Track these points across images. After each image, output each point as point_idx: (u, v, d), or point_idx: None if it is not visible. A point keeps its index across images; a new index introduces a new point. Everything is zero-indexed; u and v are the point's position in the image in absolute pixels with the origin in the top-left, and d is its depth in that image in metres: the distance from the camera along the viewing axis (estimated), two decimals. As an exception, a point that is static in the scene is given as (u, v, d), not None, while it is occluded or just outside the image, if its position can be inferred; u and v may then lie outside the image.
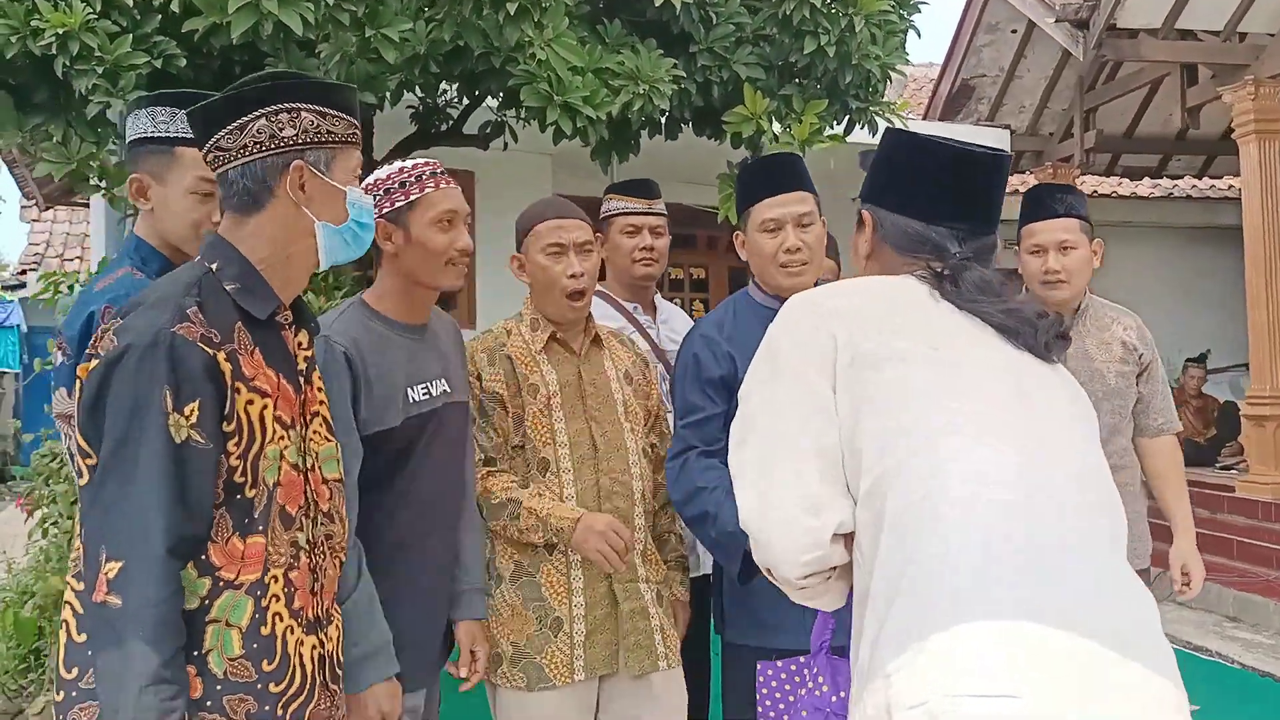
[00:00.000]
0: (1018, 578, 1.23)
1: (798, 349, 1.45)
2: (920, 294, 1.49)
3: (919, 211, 1.55)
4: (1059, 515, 1.30)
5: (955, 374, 1.39)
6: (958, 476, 1.29)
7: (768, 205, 2.36)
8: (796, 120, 3.71)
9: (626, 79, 3.22)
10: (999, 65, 9.38)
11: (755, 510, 1.40)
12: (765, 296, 2.44)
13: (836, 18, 3.55)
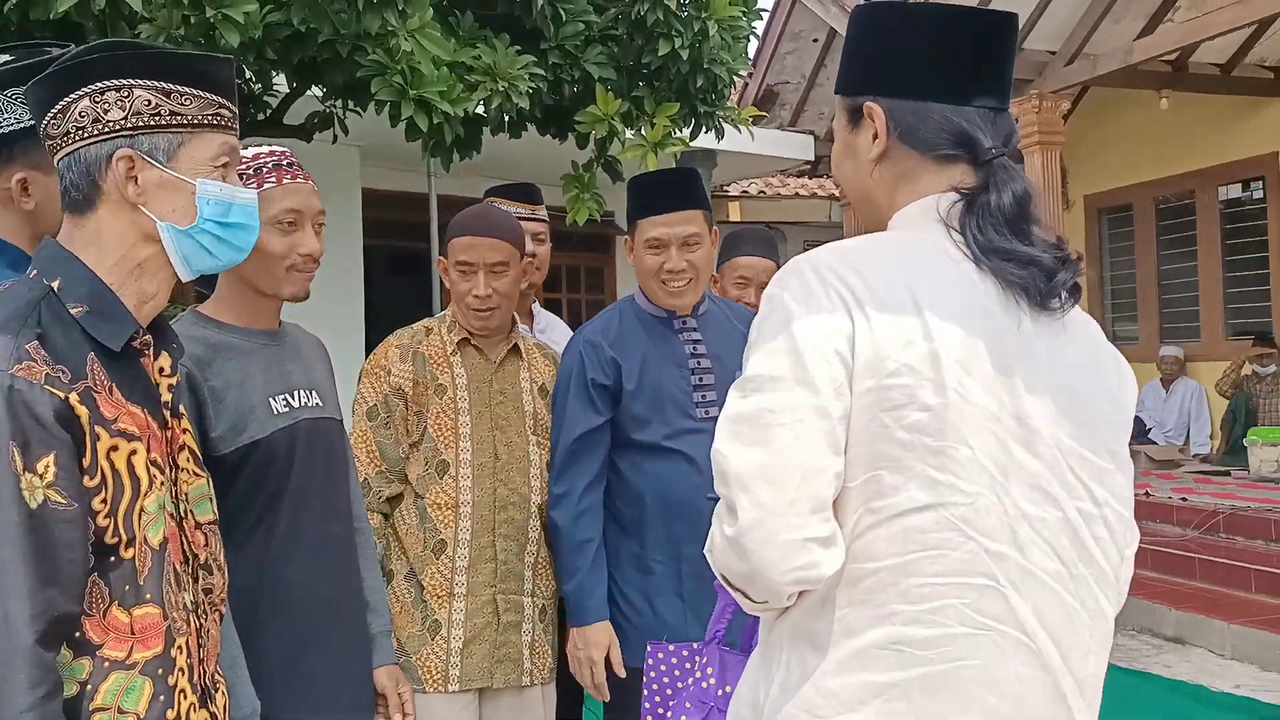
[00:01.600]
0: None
1: (821, 351, 1.17)
2: (939, 258, 1.22)
3: (941, 92, 1.27)
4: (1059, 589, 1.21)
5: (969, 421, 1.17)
6: (961, 558, 1.17)
7: (652, 223, 2.36)
8: (648, 123, 3.66)
9: (483, 75, 3.06)
10: (801, 73, 9.71)
11: (757, 524, 1.17)
12: (650, 305, 2.46)
13: (690, 21, 3.51)
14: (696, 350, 2.41)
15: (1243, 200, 8.92)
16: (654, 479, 2.32)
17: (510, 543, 2.28)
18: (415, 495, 2.28)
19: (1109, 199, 10.10)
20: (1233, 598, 5.55)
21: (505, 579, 2.27)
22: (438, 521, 2.25)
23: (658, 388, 2.34)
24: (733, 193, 11.06)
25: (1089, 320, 1.33)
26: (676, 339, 2.41)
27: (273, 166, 1.87)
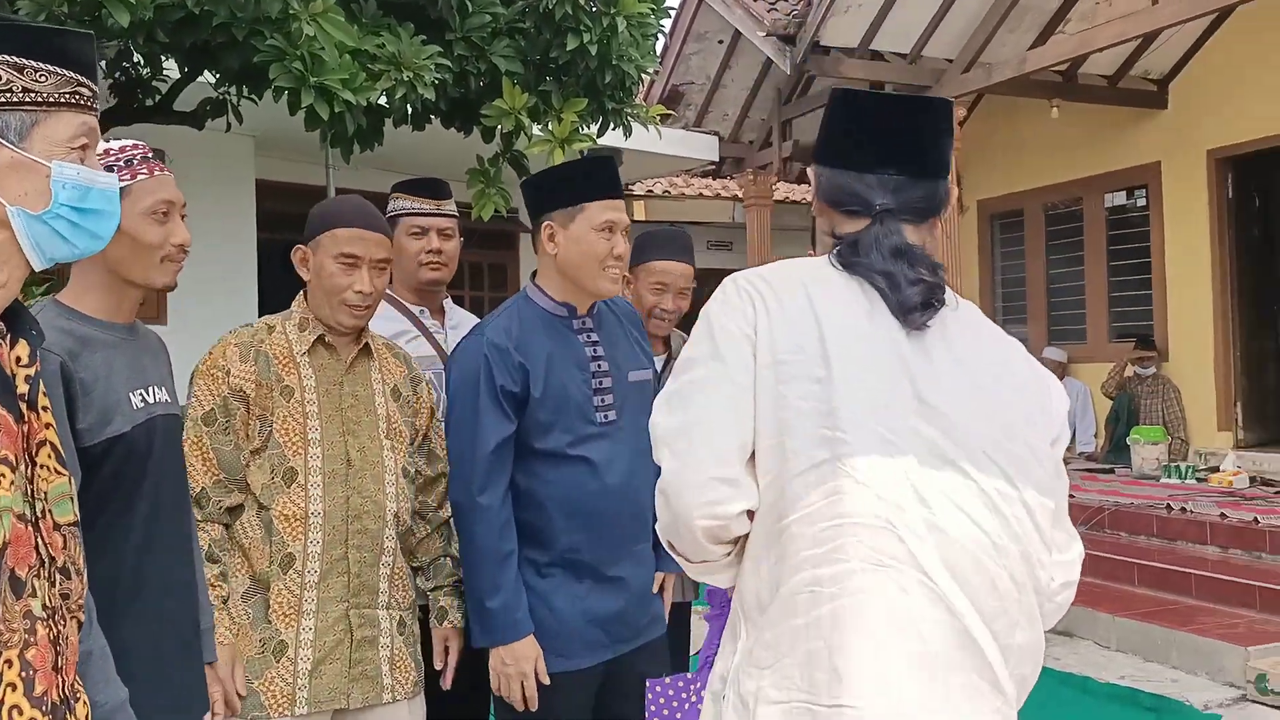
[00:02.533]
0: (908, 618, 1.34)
1: (735, 332, 1.46)
2: (831, 278, 1.51)
3: (851, 162, 1.57)
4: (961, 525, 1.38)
5: (857, 391, 1.41)
6: (856, 501, 1.37)
7: (605, 207, 2.29)
8: (555, 118, 3.61)
9: (387, 64, 2.98)
10: (706, 73, 9.75)
11: (676, 475, 1.44)
12: (550, 302, 2.37)
13: (599, 17, 3.48)
14: (596, 352, 2.37)
15: (1127, 208, 9.28)
16: (556, 486, 2.27)
17: (365, 554, 2.15)
18: (259, 506, 2.11)
19: (1001, 204, 10.39)
20: (1117, 591, 5.76)
21: (359, 593, 2.14)
22: (285, 534, 2.10)
23: (562, 393, 2.29)
24: (638, 192, 11.07)
25: (1007, 337, 1.58)
26: (576, 340, 2.37)
27: (142, 159, 1.86)
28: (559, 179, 2.39)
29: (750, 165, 10.17)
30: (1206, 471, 7.55)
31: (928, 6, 7.77)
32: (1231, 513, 6.11)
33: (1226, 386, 8.35)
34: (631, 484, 2.32)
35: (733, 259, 11.67)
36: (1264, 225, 8.64)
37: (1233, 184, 8.37)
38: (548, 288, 2.38)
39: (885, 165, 1.54)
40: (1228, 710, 4.40)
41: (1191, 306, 8.53)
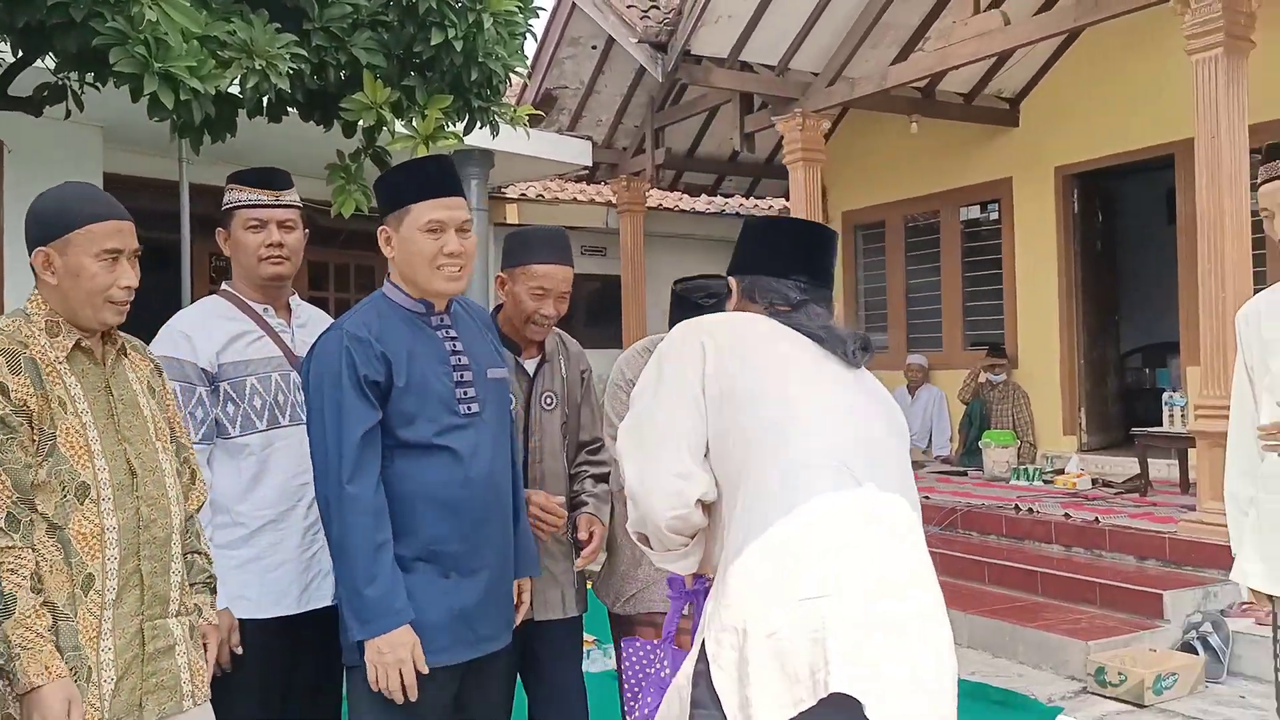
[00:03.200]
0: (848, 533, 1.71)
1: (679, 359, 1.89)
2: (766, 320, 1.98)
3: (773, 270, 2.04)
4: (879, 484, 1.79)
5: (794, 378, 1.85)
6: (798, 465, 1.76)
7: (433, 206, 2.30)
8: (419, 114, 3.53)
9: (239, 51, 2.86)
10: (580, 78, 9.74)
11: (637, 479, 1.86)
12: (408, 299, 2.38)
13: (465, 12, 3.41)
14: (455, 347, 2.38)
15: (981, 221, 9.66)
16: (422, 478, 2.27)
17: (155, 564, 2.05)
18: (53, 526, 1.94)
19: (865, 216, 10.70)
20: (969, 589, 5.98)
21: (151, 605, 2.04)
22: (84, 553, 1.96)
23: (425, 384, 2.29)
24: (510, 194, 10.98)
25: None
26: (435, 335, 2.37)
27: None
28: (389, 183, 2.39)
29: (624, 171, 10.22)
30: (1052, 474, 7.91)
31: (794, 20, 7.93)
32: (1074, 513, 6.42)
33: (1071, 393, 8.77)
34: (494, 478, 2.36)
35: (606, 264, 11.68)
36: (1106, 239, 9.12)
37: (1078, 199, 8.81)
38: (403, 286, 2.40)
39: (799, 274, 2.02)
40: (1069, 702, 4.60)
41: (1039, 316, 8.94)
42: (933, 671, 1.68)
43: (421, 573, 2.27)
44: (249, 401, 2.57)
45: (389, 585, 2.18)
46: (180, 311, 2.79)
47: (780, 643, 1.62)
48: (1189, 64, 5.50)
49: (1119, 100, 8.18)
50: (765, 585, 1.66)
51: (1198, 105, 5.44)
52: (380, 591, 2.17)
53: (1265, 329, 2.84)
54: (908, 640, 1.66)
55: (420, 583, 2.26)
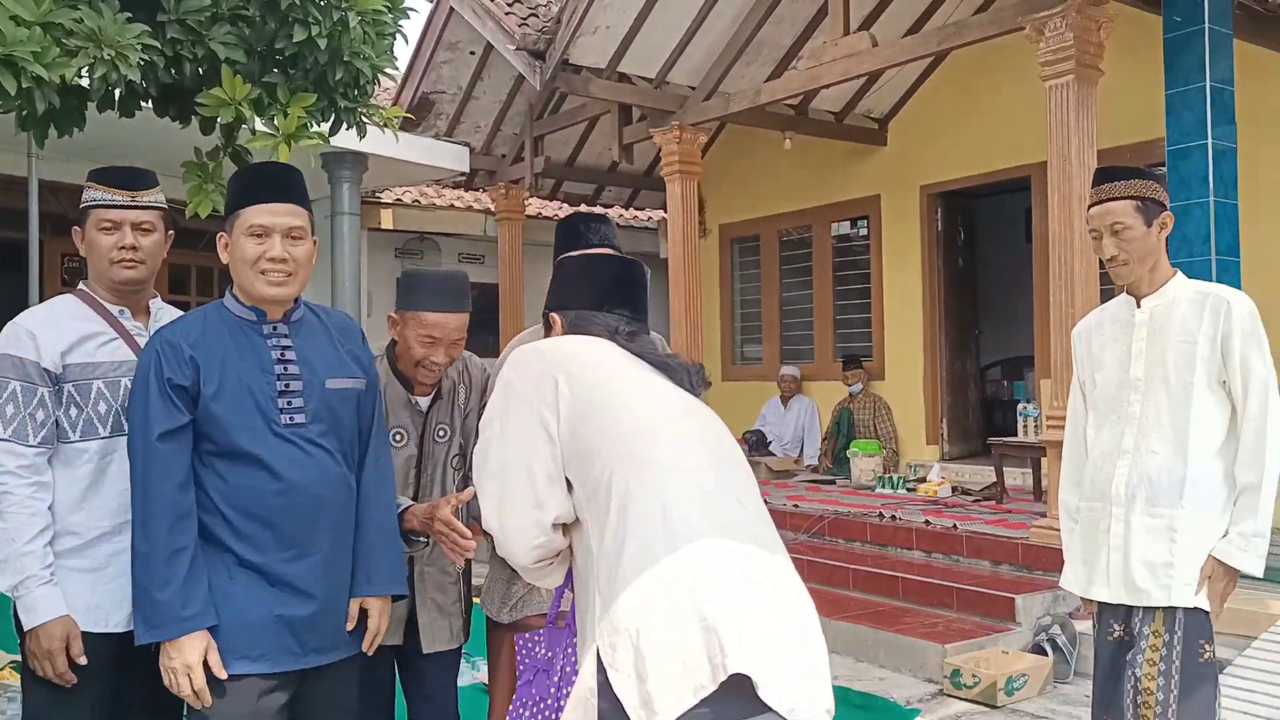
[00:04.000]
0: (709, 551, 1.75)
1: (527, 388, 1.91)
2: (611, 345, 2.04)
3: (594, 304, 2.11)
4: (738, 498, 1.87)
5: (648, 397, 1.93)
6: (664, 470, 1.81)
7: (258, 211, 2.31)
8: (281, 112, 3.44)
9: (85, 40, 2.74)
10: (458, 84, 9.64)
11: (494, 513, 1.91)
12: (242, 308, 2.37)
13: (329, 10, 3.34)
14: (285, 356, 2.35)
15: (851, 236, 9.94)
16: (232, 486, 2.25)
17: None
18: None
19: (740, 229, 10.89)
20: (835, 595, 6.12)
21: None
22: None
23: (239, 391, 2.27)
24: (385, 199, 10.79)
25: None
26: (263, 343, 2.35)
27: None
28: (228, 189, 2.40)
29: (502, 179, 10.15)
30: (915, 482, 8.16)
31: (672, 34, 8.03)
32: (934, 520, 6.63)
33: (933, 403, 9.08)
34: (320, 488, 2.31)
35: (484, 271, 11.57)
36: (968, 257, 9.48)
37: (942, 218, 9.14)
38: (239, 293, 2.39)
39: (620, 307, 2.11)
40: (926, 704, 4.74)
41: (905, 329, 9.23)
42: (815, 659, 1.79)
43: (245, 579, 2.25)
44: (93, 406, 2.46)
45: (180, 591, 2.16)
46: (29, 309, 2.66)
47: (672, 634, 1.67)
48: (1043, 90, 5.77)
49: (981, 123, 8.53)
50: (650, 587, 1.70)
51: (1050, 129, 5.70)
52: (169, 596, 2.15)
53: (1094, 344, 2.99)
54: (790, 633, 1.75)
55: (243, 588, 2.25)
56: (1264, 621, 4.63)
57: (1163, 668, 2.68)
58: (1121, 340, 2.91)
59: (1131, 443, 2.83)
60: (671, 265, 8.39)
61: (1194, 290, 2.82)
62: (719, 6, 7.80)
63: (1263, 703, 4.07)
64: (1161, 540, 2.75)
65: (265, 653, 2.24)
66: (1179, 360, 2.77)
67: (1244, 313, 2.73)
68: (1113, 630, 2.87)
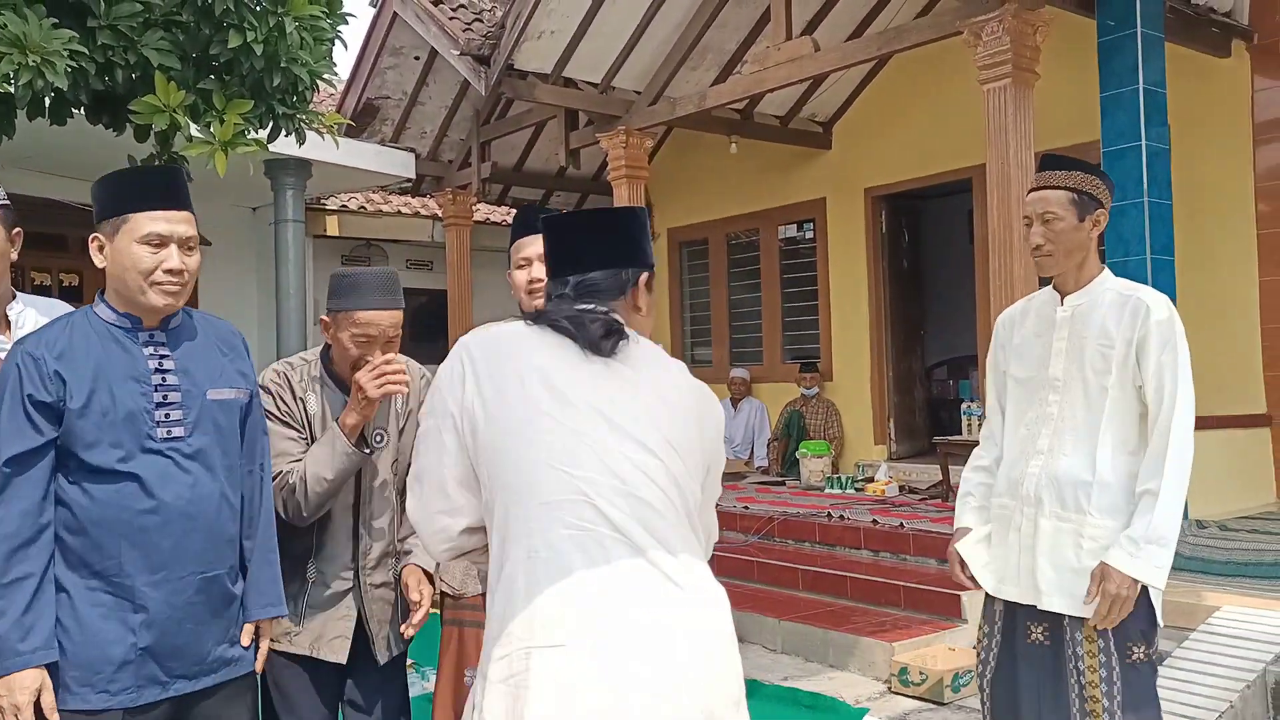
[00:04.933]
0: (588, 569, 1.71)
1: (445, 388, 1.89)
2: (528, 334, 1.91)
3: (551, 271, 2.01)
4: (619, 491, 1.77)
5: (533, 398, 1.82)
6: (537, 506, 1.76)
7: (154, 218, 2.20)
8: (218, 119, 3.39)
9: (9, 46, 2.68)
10: (403, 89, 9.58)
11: (415, 512, 1.93)
12: (115, 315, 2.25)
13: (265, 15, 3.30)
14: (162, 365, 2.24)
15: (797, 239, 10.01)
16: (102, 505, 2.13)
17: None
18: None
19: (689, 233, 10.92)
20: (784, 596, 6.15)
21: None
22: None
23: (110, 406, 2.15)
24: (330, 206, 10.69)
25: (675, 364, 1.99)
26: (139, 351, 2.23)
27: None
28: (107, 189, 2.26)
29: (449, 184, 10.09)
30: (864, 482, 8.24)
31: (617, 39, 8.03)
32: (882, 519, 6.70)
33: (880, 403, 9.17)
34: (194, 506, 2.21)
35: (432, 278, 11.50)
36: (912, 258, 9.59)
37: (886, 220, 9.23)
38: (111, 299, 2.26)
39: (556, 274, 1.98)
40: (875, 703, 4.78)
41: (851, 330, 9.32)
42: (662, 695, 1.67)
43: (106, 606, 2.13)
44: None
45: (18, 623, 2.02)
46: None
47: (507, 689, 1.68)
48: (982, 93, 5.86)
49: (923, 126, 8.63)
50: (505, 632, 1.71)
51: (989, 132, 5.79)
52: (4, 629, 2.02)
53: (1016, 335, 2.94)
54: (634, 693, 1.65)
55: (102, 617, 2.13)
56: (1201, 613, 4.74)
57: (1104, 674, 2.64)
58: (1044, 336, 2.85)
59: (1046, 443, 2.77)
60: (620, 269, 8.39)
61: (1118, 291, 2.77)
62: (663, 12, 7.82)
63: (1201, 693, 4.15)
64: (1069, 546, 2.69)
65: (127, 685, 2.12)
66: (1096, 362, 2.72)
67: (1161, 317, 2.67)
68: (1030, 633, 2.77)
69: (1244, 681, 4.14)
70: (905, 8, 7.94)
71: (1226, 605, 4.73)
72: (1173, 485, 2.59)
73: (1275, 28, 6.72)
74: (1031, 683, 2.77)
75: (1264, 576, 5.05)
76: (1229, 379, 6.77)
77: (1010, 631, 2.83)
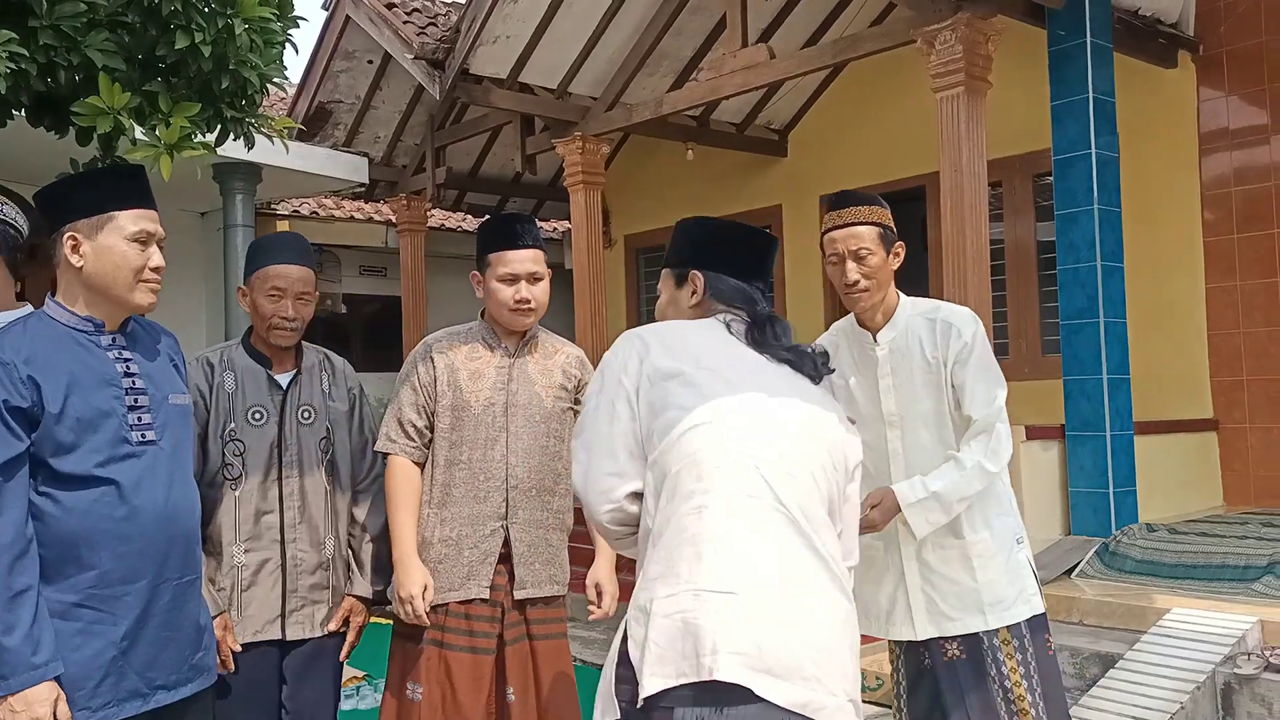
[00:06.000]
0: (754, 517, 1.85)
1: (618, 367, 2.01)
2: (718, 330, 2.09)
3: (738, 273, 2.15)
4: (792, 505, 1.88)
5: (718, 381, 1.95)
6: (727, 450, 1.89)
7: (140, 216, 2.26)
8: (164, 122, 3.32)
9: (-55, 46, 2.60)
10: (355, 93, 9.48)
11: (581, 478, 2.01)
12: (74, 317, 2.22)
13: (213, 17, 3.24)
14: (129, 369, 2.22)
15: (754, 246, 10.03)
16: (79, 513, 2.09)
17: None
18: None
19: (646, 239, 10.92)
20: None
21: None
22: None
23: (87, 411, 2.12)
24: (282, 211, 10.55)
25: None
26: (105, 356, 2.21)
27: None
28: (82, 187, 2.26)
29: (404, 190, 10.01)
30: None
31: (573, 45, 8.02)
32: (839, 525, 6.70)
33: (838, 410, 9.21)
34: (169, 509, 2.20)
35: (386, 284, 11.40)
36: (868, 266, 9.65)
37: (842, 228, 9.27)
38: (69, 303, 2.23)
39: (759, 279, 2.16)
40: (833, 706, 4.78)
41: (808, 336, 9.26)
42: (823, 662, 1.82)
43: (82, 620, 2.09)
44: None
45: (28, 636, 1.98)
46: None
47: (674, 623, 1.78)
48: (935, 101, 5.91)
49: (877, 134, 8.70)
50: (672, 574, 1.82)
51: (942, 140, 5.84)
52: (17, 642, 1.97)
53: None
54: (797, 634, 1.80)
55: (80, 631, 2.08)
56: (1152, 615, 4.80)
57: (1024, 671, 2.72)
58: (867, 375, 2.88)
59: (902, 478, 2.77)
60: (576, 276, 8.37)
61: (924, 316, 2.83)
62: (619, 18, 7.82)
63: (1152, 695, 4.20)
64: (960, 569, 2.75)
65: (108, 700, 2.09)
66: (929, 391, 2.77)
67: (967, 336, 2.74)
68: (946, 651, 2.80)
69: (1194, 683, 4.19)
70: (860, 16, 8.01)
71: (1177, 607, 4.79)
72: (979, 471, 2.66)
73: (1220, 40, 6.86)
74: (955, 698, 2.78)
75: (1213, 578, 5.12)
76: (1176, 384, 6.88)
77: (918, 657, 2.87)
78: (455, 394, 2.97)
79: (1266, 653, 4.28)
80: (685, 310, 2.19)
